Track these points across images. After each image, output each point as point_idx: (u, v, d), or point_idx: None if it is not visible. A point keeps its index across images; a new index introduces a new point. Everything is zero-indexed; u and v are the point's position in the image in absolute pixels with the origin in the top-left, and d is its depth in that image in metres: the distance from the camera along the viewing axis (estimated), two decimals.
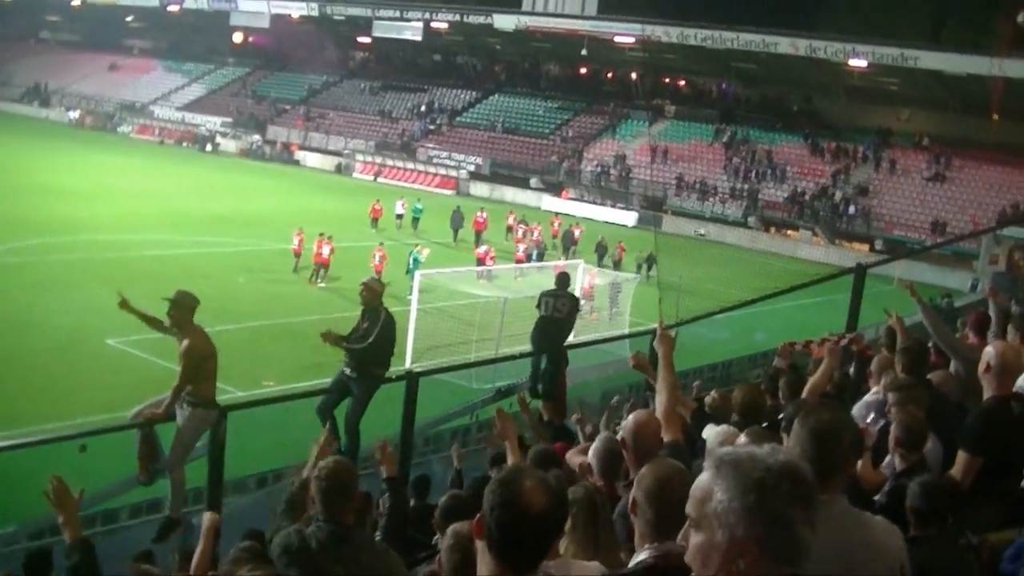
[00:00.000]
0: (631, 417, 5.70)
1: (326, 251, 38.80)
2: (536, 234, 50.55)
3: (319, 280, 38.27)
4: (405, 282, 34.24)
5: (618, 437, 5.86)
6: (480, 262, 42.56)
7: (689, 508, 2.83)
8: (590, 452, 6.43)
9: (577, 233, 51.24)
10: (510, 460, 7.94)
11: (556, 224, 54.65)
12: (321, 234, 39.42)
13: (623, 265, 45.98)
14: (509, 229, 54.89)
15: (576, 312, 16.11)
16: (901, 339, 9.90)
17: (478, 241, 50.38)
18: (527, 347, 16.42)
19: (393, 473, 7.36)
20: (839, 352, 9.61)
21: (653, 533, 3.91)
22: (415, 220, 55.03)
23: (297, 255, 40.17)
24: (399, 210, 55.79)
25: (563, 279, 16.29)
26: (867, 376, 9.50)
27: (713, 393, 9.34)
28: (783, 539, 2.68)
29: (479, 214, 53.31)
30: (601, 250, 48.36)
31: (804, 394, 8.80)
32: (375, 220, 53.55)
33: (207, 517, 7.60)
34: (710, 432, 6.21)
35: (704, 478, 2.80)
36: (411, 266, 38.37)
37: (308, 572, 5.65)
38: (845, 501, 4.17)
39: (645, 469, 4.15)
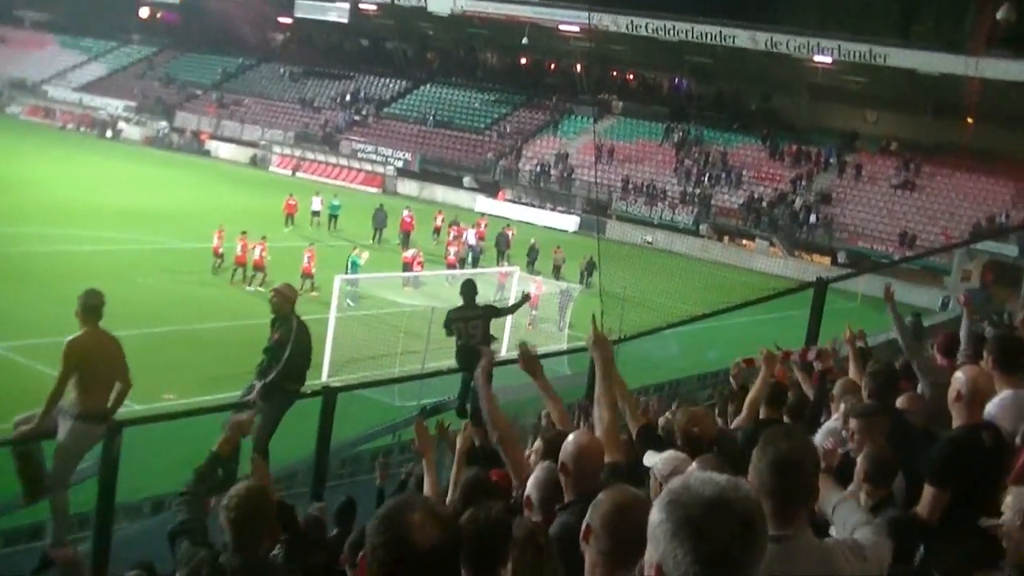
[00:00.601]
0: (571, 438, 5.62)
1: (257, 252, 38.80)
2: (471, 236, 50.72)
3: (250, 284, 38.22)
4: (344, 287, 34.22)
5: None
6: (407, 267, 42.48)
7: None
8: (529, 483, 6.33)
9: (510, 235, 51.76)
10: (427, 480, 7.92)
11: (483, 226, 54.85)
12: (244, 232, 39.81)
13: (563, 272, 46.40)
14: (437, 231, 55.06)
15: (490, 320, 16.12)
16: (854, 359, 10.02)
17: (405, 243, 50.52)
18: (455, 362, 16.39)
19: (224, 453, 7.07)
20: (775, 360, 9.64)
21: (608, 563, 3.86)
22: (332, 217, 55.30)
23: (218, 255, 39.96)
24: (315, 206, 55.98)
25: (468, 289, 16.15)
26: (829, 399, 9.55)
27: (668, 414, 9.34)
28: None
29: (405, 213, 53.51)
30: (533, 254, 49.20)
31: (743, 411, 8.84)
32: (289, 217, 53.69)
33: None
34: (655, 459, 6.14)
35: (654, 510, 2.84)
36: (350, 271, 38.32)
37: None
38: (809, 534, 4.15)
39: (602, 495, 4.10)
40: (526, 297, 17.37)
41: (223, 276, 39.22)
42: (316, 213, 55.55)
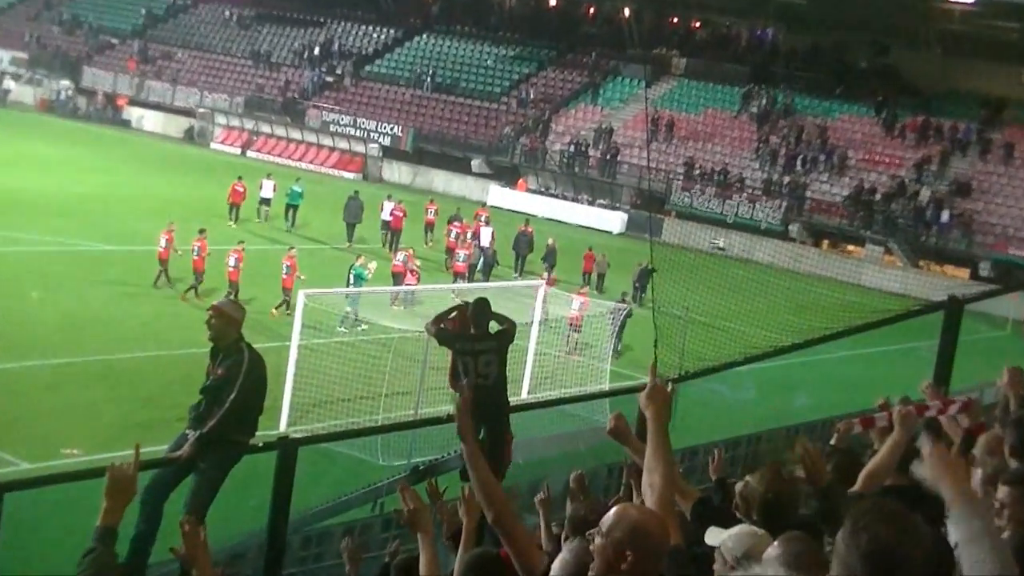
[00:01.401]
0: (621, 512, 5.60)
1: (232, 261, 38.89)
2: (484, 236, 51.05)
3: (195, 292, 38.44)
4: (340, 305, 34.34)
5: (595, 541, 5.76)
6: (397, 278, 42.30)
7: None
8: (555, 567, 6.36)
9: (530, 233, 52.41)
10: (423, 562, 7.92)
11: (483, 219, 55.25)
12: (203, 231, 40.14)
13: (606, 283, 47.21)
14: (429, 228, 55.57)
15: (507, 352, 16.04)
16: (1015, 406, 9.85)
17: (394, 244, 50.88)
18: None
19: (112, 522, 7.03)
20: (915, 421, 9.53)
21: None
22: (291, 209, 55.19)
23: (164, 262, 39.97)
24: (265, 192, 55.84)
25: (480, 311, 15.89)
26: (970, 462, 9.44)
27: (749, 478, 9.27)
28: None
29: (393, 206, 53.73)
30: (550, 258, 49.77)
31: (859, 482, 8.74)
32: (235, 207, 53.92)
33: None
34: (721, 536, 6.13)
35: None
36: (353, 285, 38.44)
37: None
38: None
39: None
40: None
41: (167, 290, 39.12)
42: (266, 201, 55.62)
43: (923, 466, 4.94)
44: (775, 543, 5.81)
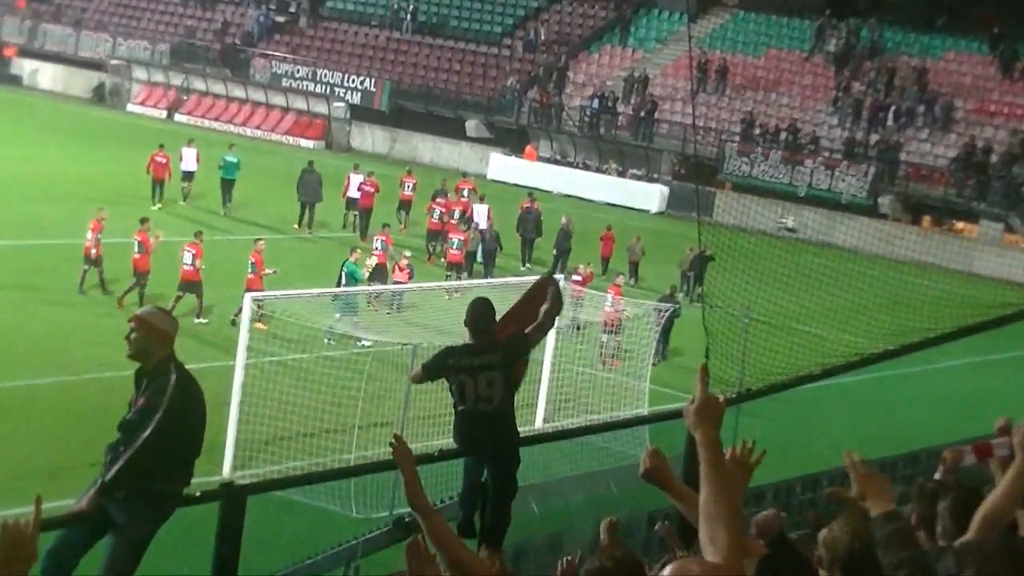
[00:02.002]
0: (674, 570, 5.65)
1: (189, 258, 38.82)
2: (481, 215, 51.26)
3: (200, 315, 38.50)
4: (328, 313, 34.40)
5: None
6: (378, 272, 42.14)
7: None
8: None
9: (536, 210, 52.72)
10: None
11: (465, 192, 55.91)
12: (145, 221, 40.26)
13: (641, 272, 47.72)
14: (405, 205, 56.03)
15: (513, 367, 15.76)
16: None
17: (364, 228, 51.72)
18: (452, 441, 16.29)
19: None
20: None
21: None
22: (226, 183, 55.17)
23: (91, 259, 40.05)
24: (188, 164, 56.11)
25: (481, 315, 15.52)
26: None
27: (834, 524, 9.29)
28: None
29: (364, 179, 54.07)
30: (562, 241, 50.23)
31: (972, 529, 8.75)
32: (158, 184, 54.18)
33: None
34: None
35: None
36: (345, 283, 38.55)
37: None
38: None
39: None
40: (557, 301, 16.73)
41: (96, 295, 39.24)
42: (188, 176, 55.97)
43: None
44: None
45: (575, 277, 42.29)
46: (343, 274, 39.78)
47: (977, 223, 64.70)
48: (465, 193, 55.40)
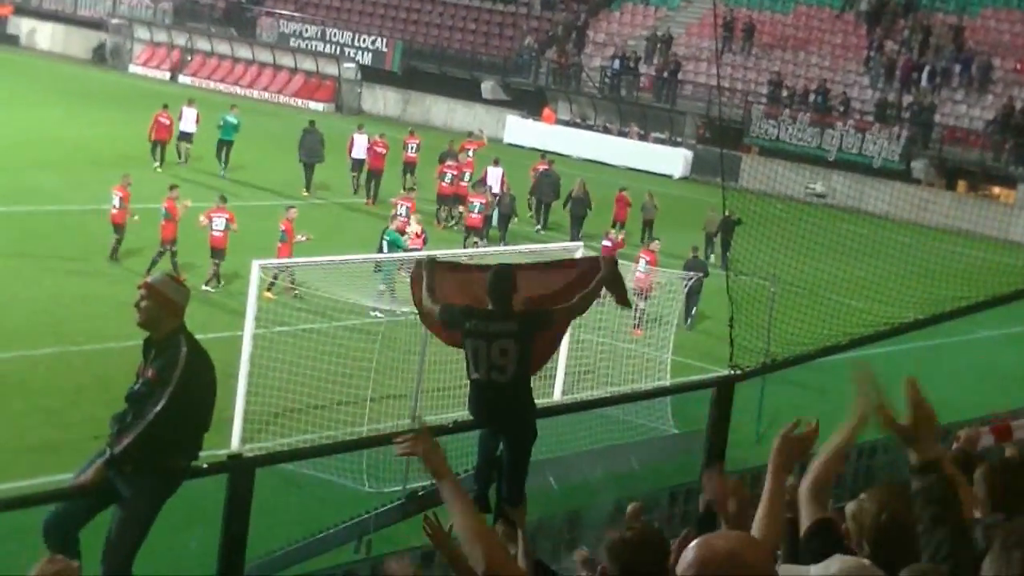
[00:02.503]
0: (701, 548, 5.75)
1: (221, 224, 39.48)
2: (494, 178, 51.92)
3: (208, 283, 39.00)
4: (372, 284, 34.54)
5: None
6: (397, 239, 42.22)
7: None
8: None
9: (551, 171, 53.65)
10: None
11: (470, 152, 56.24)
12: (174, 188, 40.96)
13: (656, 233, 48.04)
14: (410, 167, 56.50)
15: (532, 338, 15.66)
16: None
17: (375, 190, 52.84)
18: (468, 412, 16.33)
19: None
20: None
21: None
22: (224, 145, 55.66)
23: (119, 226, 40.62)
24: (187, 125, 56.61)
25: (501, 284, 15.44)
26: None
27: (864, 496, 9.42)
28: None
29: (374, 140, 54.68)
30: (578, 206, 50.90)
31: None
32: (160, 145, 54.92)
33: None
34: (814, 572, 6.32)
35: None
36: (387, 251, 38.72)
37: None
38: None
39: None
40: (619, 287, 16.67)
41: (97, 262, 39.40)
42: (186, 136, 56.53)
43: None
44: None
45: (605, 243, 43.20)
46: (384, 242, 39.90)
47: (1015, 188, 64.75)
48: (470, 153, 55.75)
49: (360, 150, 54.86)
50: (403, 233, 41.75)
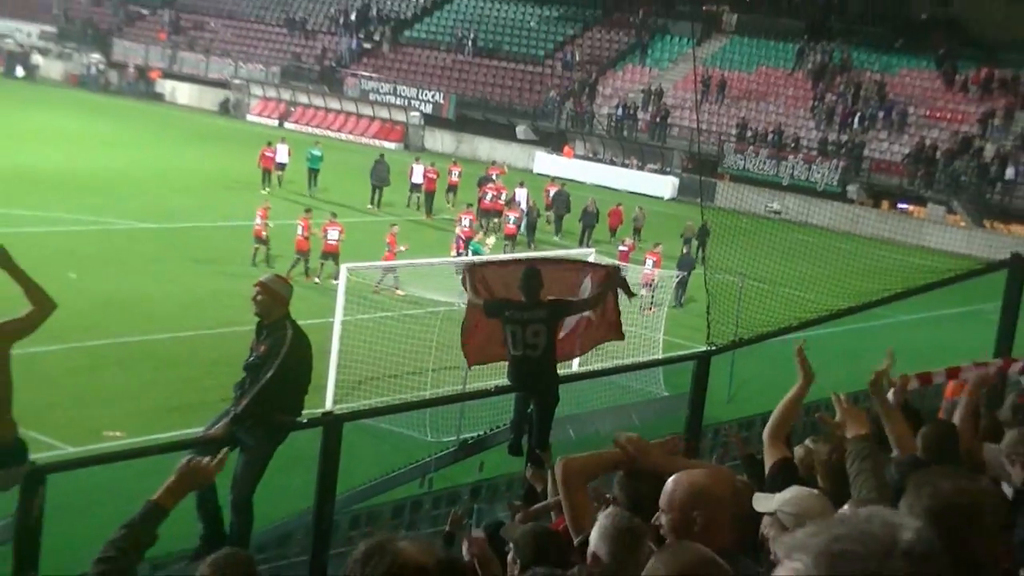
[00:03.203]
0: (675, 482, 5.71)
1: (335, 235, 40.25)
2: (521, 197, 52.81)
3: (318, 276, 39.46)
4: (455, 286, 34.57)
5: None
6: (478, 248, 42.93)
7: None
8: (593, 536, 6.48)
9: (565, 191, 54.30)
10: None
11: (495, 177, 56.34)
12: (308, 211, 41.73)
13: (643, 236, 49.29)
14: (452, 189, 57.30)
15: (559, 323, 15.87)
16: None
17: (428, 206, 53.87)
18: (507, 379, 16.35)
19: (167, 505, 6.91)
20: (988, 382, 9.51)
21: None
22: (312, 173, 56.55)
23: (261, 239, 40.92)
24: (281, 156, 57.03)
25: (532, 280, 15.59)
26: None
27: (808, 442, 9.41)
28: None
29: (427, 168, 55.61)
30: (588, 219, 51.36)
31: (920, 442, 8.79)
32: (267, 172, 55.50)
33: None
34: (770, 502, 6.24)
35: (788, 564, 2.64)
36: (460, 268, 38.91)
37: None
38: None
39: (659, 557, 4.18)
40: (624, 286, 16.88)
41: (228, 266, 39.52)
42: (280, 166, 56.86)
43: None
44: (846, 506, 5.90)
45: (621, 248, 44.04)
46: (469, 252, 40.89)
47: (925, 206, 64.55)
48: (494, 177, 55.93)
49: (417, 176, 55.72)
50: (469, 240, 43.43)
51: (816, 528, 2.67)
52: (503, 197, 52.56)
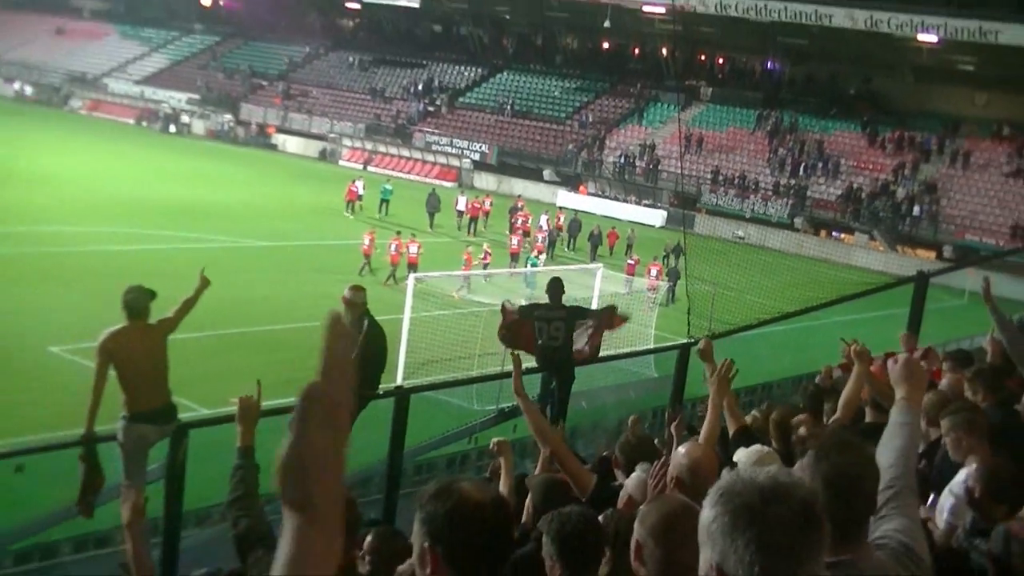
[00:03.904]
0: (682, 451, 5.72)
1: (415, 249, 41.37)
2: (543, 222, 54.14)
3: (394, 280, 39.45)
4: (520, 291, 34.69)
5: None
6: (515, 257, 45.63)
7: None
8: (629, 483, 6.60)
9: (577, 218, 56.72)
10: (502, 482, 8.12)
11: (521, 207, 57.14)
12: (399, 233, 42.38)
13: (635, 250, 49.60)
14: (485, 216, 57.89)
15: (575, 323, 16.16)
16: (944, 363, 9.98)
17: (473, 229, 54.71)
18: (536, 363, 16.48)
19: (248, 442, 6.96)
20: (868, 356, 9.56)
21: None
22: (383, 202, 57.36)
23: (367, 257, 41.53)
24: (359, 190, 57.74)
25: (555, 289, 16.13)
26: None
27: (755, 412, 9.47)
28: (773, 571, 2.68)
29: (470, 200, 57.58)
30: (594, 239, 52.16)
31: (838, 412, 8.82)
32: (351, 203, 56.39)
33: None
34: (741, 454, 6.26)
35: (705, 507, 2.83)
36: (528, 277, 40.02)
37: None
38: (870, 554, 3.87)
39: (648, 507, 4.17)
40: (611, 309, 17.19)
41: (364, 278, 39.76)
42: (360, 197, 57.44)
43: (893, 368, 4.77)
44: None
45: (629, 261, 45.19)
46: (528, 265, 42.25)
47: (853, 235, 64.47)
48: (520, 206, 56.85)
49: (462, 205, 57.21)
50: (515, 256, 45.08)
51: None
52: (529, 222, 53.31)
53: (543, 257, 44.97)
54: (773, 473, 2.85)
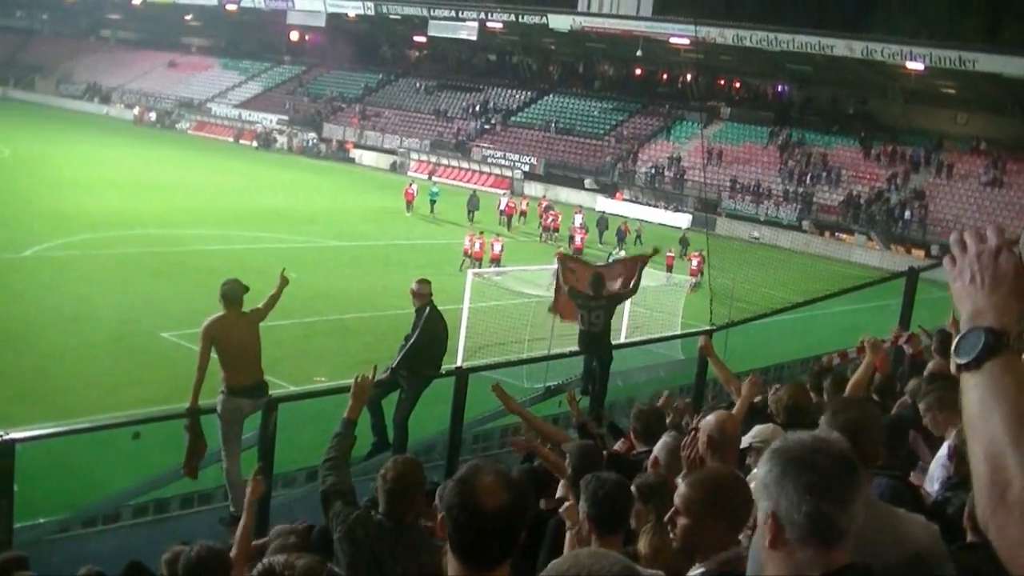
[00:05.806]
0: (713, 417, 5.73)
1: (497, 247, 42.38)
2: (577, 219, 53.39)
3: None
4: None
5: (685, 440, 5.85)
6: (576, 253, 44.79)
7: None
8: (658, 448, 6.62)
9: (606, 216, 57.30)
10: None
11: (544, 205, 58.29)
12: (482, 232, 43.80)
13: (628, 244, 50.70)
14: (522, 214, 57.95)
15: (614, 309, 16.26)
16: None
17: (510, 225, 55.21)
18: (577, 345, 16.48)
19: (354, 416, 6.88)
20: (880, 348, 9.47)
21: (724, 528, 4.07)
22: (432, 203, 58.15)
23: (467, 255, 41.92)
24: (415, 193, 58.22)
25: (598, 281, 16.12)
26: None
27: (775, 390, 9.33)
28: (817, 515, 2.78)
29: (508, 200, 58.55)
30: (620, 235, 52.42)
31: (847, 391, 8.71)
32: (409, 204, 56.99)
33: (251, 485, 7.77)
34: (748, 435, 6.24)
35: (760, 467, 2.95)
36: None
37: (366, 555, 5.66)
38: (869, 488, 4.04)
39: (693, 478, 4.19)
40: (636, 257, 17.44)
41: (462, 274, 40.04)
42: (413, 198, 58.24)
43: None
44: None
45: (669, 254, 43.12)
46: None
47: (853, 235, 63.91)
48: (544, 206, 58.42)
49: (503, 204, 57.59)
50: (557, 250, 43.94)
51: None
52: (559, 220, 54.48)
53: (622, 255, 43.95)
54: (815, 433, 3.07)
